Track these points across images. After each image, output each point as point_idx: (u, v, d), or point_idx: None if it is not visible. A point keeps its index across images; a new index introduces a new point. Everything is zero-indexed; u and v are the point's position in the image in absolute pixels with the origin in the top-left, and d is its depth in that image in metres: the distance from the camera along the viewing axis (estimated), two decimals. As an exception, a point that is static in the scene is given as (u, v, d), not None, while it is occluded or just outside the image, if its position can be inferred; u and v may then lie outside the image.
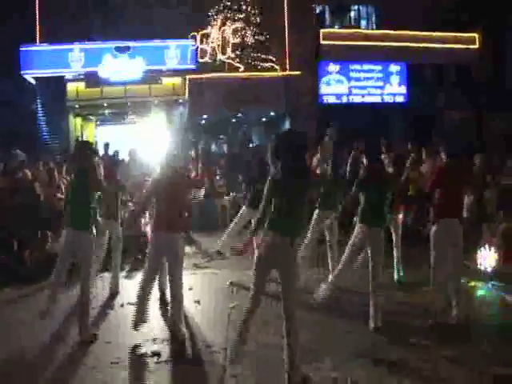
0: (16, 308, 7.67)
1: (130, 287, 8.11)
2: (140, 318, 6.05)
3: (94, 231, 6.36)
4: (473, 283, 8.16)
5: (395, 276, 8.49)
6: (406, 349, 5.75)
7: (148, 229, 11.69)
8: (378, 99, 22.72)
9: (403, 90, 22.77)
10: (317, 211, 8.36)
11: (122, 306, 7.55)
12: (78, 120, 22.10)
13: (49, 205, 10.74)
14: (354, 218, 6.84)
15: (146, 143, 17.63)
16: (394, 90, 22.78)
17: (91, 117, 22.63)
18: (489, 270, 8.51)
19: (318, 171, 9.15)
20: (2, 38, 19.31)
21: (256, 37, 20.68)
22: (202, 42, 20.43)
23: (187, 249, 10.93)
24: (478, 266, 8.62)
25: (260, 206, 5.05)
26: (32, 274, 8.82)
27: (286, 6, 21.68)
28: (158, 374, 5.28)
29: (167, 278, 6.41)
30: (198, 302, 7.54)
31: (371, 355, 5.54)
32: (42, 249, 9.64)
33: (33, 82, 20.74)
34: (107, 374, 5.33)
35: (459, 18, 22.32)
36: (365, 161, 7.23)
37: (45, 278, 8.22)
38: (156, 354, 5.65)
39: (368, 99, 22.60)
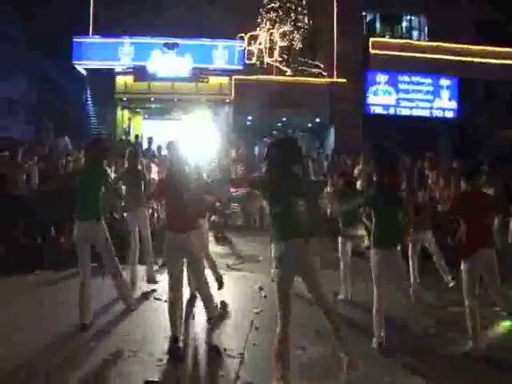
0: (50, 291, 7.80)
1: (162, 280, 8.08)
2: (175, 330, 5.85)
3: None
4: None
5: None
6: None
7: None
8: (426, 113, 22.32)
9: (453, 105, 22.31)
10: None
11: (147, 299, 7.56)
12: (126, 112, 22.43)
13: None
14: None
15: (190, 140, 17.81)
16: (444, 104, 22.34)
17: (138, 110, 22.93)
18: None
19: (358, 183, 8.98)
20: (56, 28, 19.79)
21: (304, 41, 20.59)
22: (249, 43, 20.46)
23: (220, 249, 11.02)
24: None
25: None
26: (66, 259, 8.94)
27: (335, 12, 21.52)
28: (168, 373, 5.22)
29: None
30: (223, 303, 7.48)
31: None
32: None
33: (84, 72, 21.12)
34: (120, 366, 5.34)
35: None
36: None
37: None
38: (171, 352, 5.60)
39: (416, 112, 22.22)
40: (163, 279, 7.92)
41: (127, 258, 8.36)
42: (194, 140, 17.04)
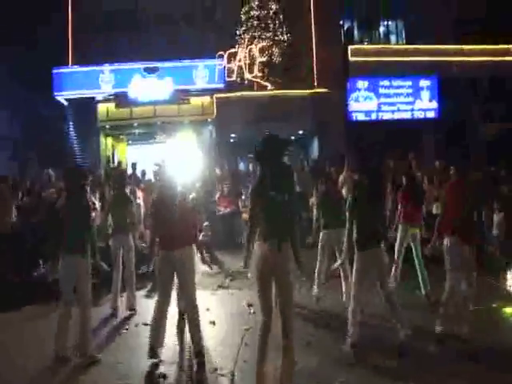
0: (36, 325, 7.71)
1: (148, 306, 8.04)
2: (155, 342, 5.93)
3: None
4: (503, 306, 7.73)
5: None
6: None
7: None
8: (408, 115, 22.38)
9: (434, 105, 22.37)
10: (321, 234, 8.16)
11: (136, 325, 7.49)
12: (110, 140, 22.44)
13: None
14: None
15: (175, 163, 17.78)
16: (425, 105, 22.40)
17: (122, 136, 22.95)
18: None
19: (343, 190, 9.01)
20: (36, 60, 19.90)
21: (283, 55, 20.69)
22: (229, 61, 20.52)
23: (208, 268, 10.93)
24: (508, 288, 8.28)
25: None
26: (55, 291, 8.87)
27: (313, 22, 21.68)
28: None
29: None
30: (213, 322, 7.44)
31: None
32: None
33: (65, 103, 21.15)
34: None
35: (490, 28, 21.93)
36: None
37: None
38: (163, 376, 5.57)
39: (398, 115, 22.29)
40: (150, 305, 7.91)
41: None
42: (179, 162, 17.08)
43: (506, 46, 22.92)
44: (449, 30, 22.43)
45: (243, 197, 15.22)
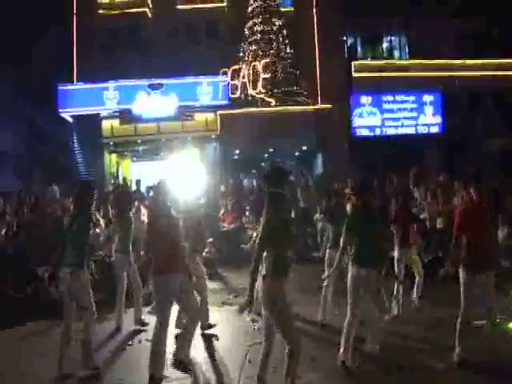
0: (36, 342, 7.64)
1: (152, 323, 8.00)
2: (158, 369, 5.81)
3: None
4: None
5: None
6: None
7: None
8: (412, 130, 22.43)
9: (438, 119, 22.44)
10: (328, 251, 8.07)
11: (139, 342, 7.42)
12: (114, 156, 22.50)
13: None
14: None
15: (179, 179, 17.80)
16: (429, 120, 22.48)
17: (126, 153, 23.01)
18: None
19: (347, 207, 8.92)
20: (41, 76, 20.05)
21: (287, 71, 20.77)
22: (233, 77, 20.59)
23: (214, 285, 10.89)
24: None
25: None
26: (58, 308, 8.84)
27: (316, 39, 21.82)
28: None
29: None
30: (217, 338, 7.37)
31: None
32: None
33: (70, 119, 21.25)
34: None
35: (492, 41, 22.05)
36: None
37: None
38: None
39: (402, 130, 22.33)
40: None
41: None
42: (183, 178, 17.08)
43: (509, 61, 22.97)
44: (452, 44, 22.51)
45: (247, 213, 15.16)
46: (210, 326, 7.60)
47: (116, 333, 7.79)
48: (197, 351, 6.35)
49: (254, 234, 14.22)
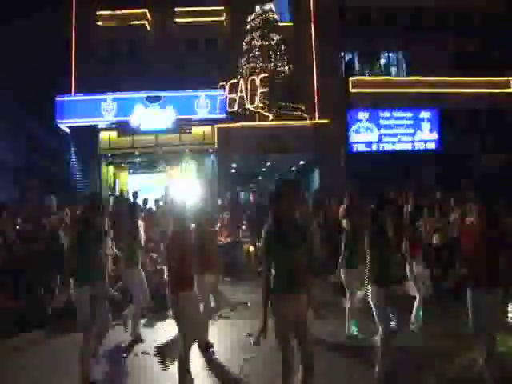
0: (29, 353, 7.61)
1: (146, 336, 8.00)
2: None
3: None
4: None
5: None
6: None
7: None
8: (408, 146, 22.53)
9: (435, 136, 22.56)
10: (342, 270, 8.00)
11: (136, 355, 7.39)
12: (111, 168, 22.51)
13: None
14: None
15: (177, 192, 17.82)
16: (425, 136, 22.60)
17: (123, 165, 23.03)
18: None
19: (343, 222, 8.87)
20: (39, 87, 20.10)
21: (285, 86, 20.85)
22: (230, 91, 20.66)
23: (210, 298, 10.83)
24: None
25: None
26: (52, 320, 8.82)
27: (314, 54, 21.94)
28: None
29: None
30: (212, 352, 7.34)
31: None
32: (63, 295, 9.62)
33: (67, 130, 21.27)
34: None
35: (489, 59, 22.27)
36: None
37: (62, 324, 8.55)
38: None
39: (399, 147, 22.42)
40: (149, 334, 7.86)
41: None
42: (180, 191, 17.08)
43: (505, 78, 23.20)
44: (448, 62, 22.71)
45: (244, 227, 15.15)
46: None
47: (112, 346, 7.74)
48: (192, 365, 6.27)
49: (251, 249, 14.28)
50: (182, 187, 17.75)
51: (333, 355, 7.08)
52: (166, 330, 7.99)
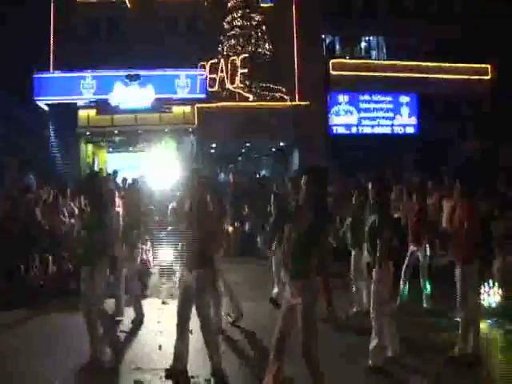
0: (13, 333, 7.62)
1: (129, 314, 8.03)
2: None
3: None
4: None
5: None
6: None
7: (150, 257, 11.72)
8: (387, 130, 22.70)
9: (413, 120, 22.76)
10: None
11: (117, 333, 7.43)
12: (90, 146, 22.36)
13: (51, 229, 10.73)
14: None
15: (156, 171, 17.81)
16: (404, 120, 22.79)
17: (102, 143, 22.88)
18: (493, 305, 8.27)
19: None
20: (17, 65, 19.75)
21: (265, 67, 20.82)
22: (211, 71, 20.58)
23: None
24: (482, 302, 8.38)
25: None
26: (34, 298, 8.82)
27: (295, 36, 21.89)
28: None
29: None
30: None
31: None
32: (43, 273, 9.63)
33: (46, 108, 21.03)
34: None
35: (469, 47, 22.42)
36: None
37: (45, 302, 8.55)
38: (139, 383, 5.55)
39: (378, 130, 22.59)
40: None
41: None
42: (159, 170, 17.06)
43: (484, 65, 23.38)
44: (428, 49, 22.84)
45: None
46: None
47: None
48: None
49: (230, 229, 14.34)
50: (161, 167, 17.80)
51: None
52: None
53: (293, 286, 4.64)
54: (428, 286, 8.46)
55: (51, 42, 21.59)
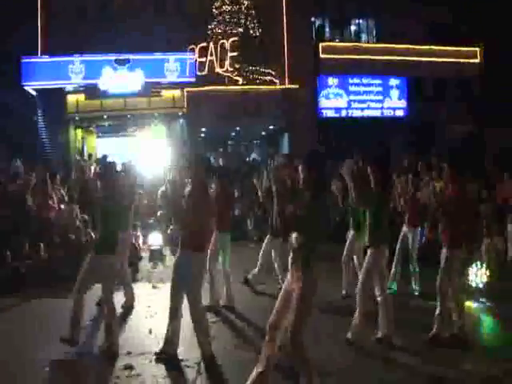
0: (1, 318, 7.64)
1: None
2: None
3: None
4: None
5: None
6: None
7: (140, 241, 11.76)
8: (377, 113, 22.72)
9: (403, 103, 22.78)
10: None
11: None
12: (79, 131, 22.24)
13: (41, 215, 10.71)
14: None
15: (146, 156, 17.79)
16: (394, 103, 22.82)
17: (92, 128, 22.76)
18: (480, 286, 8.38)
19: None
20: (4, 49, 19.52)
21: (255, 50, 20.73)
22: (200, 55, 20.49)
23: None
24: (469, 283, 8.49)
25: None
26: (24, 285, 8.83)
27: (285, 19, 21.77)
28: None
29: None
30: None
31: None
32: (34, 259, 9.62)
33: (34, 93, 20.85)
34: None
35: (459, 31, 22.40)
36: None
37: (36, 288, 8.50)
38: (129, 367, 5.60)
39: (367, 113, 22.60)
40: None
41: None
42: (149, 154, 17.04)
43: (473, 49, 23.37)
44: (419, 33, 22.77)
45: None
46: None
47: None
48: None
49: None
50: (150, 151, 17.78)
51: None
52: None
53: (294, 272, 4.62)
54: (417, 268, 8.56)
55: (39, 27, 21.30)
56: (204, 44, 20.66)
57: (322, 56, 22.28)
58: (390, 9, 22.36)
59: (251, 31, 20.88)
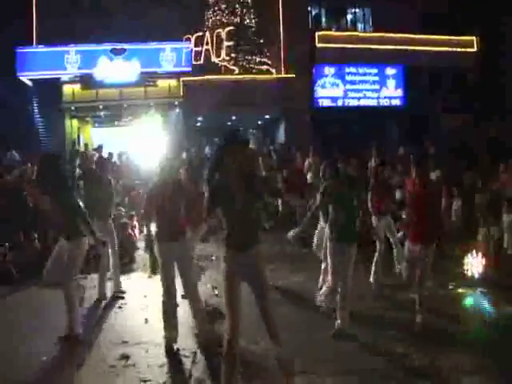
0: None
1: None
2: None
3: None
4: (460, 289, 8.00)
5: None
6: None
7: (136, 232, 11.77)
8: (374, 102, 22.72)
9: (399, 93, 22.78)
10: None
11: (104, 308, 7.52)
12: (75, 121, 22.17)
13: (36, 206, 10.71)
14: None
15: (142, 145, 17.77)
16: (390, 93, 22.79)
17: (87, 118, 22.70)
18: (477, 275, 8.43)
19: (308, 175, 8.94)
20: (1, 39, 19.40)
21: (251, 39, 20.68)
22: (196, 44, 20.42)
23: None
24: (466, 272, 8.55)
25: None
26: (18, 275, 8.85)
27: (281, 8, 21.68)
28: (124, 377, 5.27)
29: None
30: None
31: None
32: (28, 250, 9.63)
33: (29, 83, 20.76)
34: (71, 374, 5.37)
35: (455, 21, 22.36)
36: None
37: (30, 279, 8.36)
38: (125, 356, 5.64)
39: (364, 102, 22.59)
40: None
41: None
42: (144, 145, 17.03)
43: (470, 38, 23.32)
44: (415, 22, 22.71)
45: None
46: None
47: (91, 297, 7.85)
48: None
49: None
50: (146, 141, 17.76)
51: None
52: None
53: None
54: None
55: (34, 17, 21.16)
56: (200, 33, 20.57)
57: (318, 45, 22.19)
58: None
59: (247, 20, 20.81)
